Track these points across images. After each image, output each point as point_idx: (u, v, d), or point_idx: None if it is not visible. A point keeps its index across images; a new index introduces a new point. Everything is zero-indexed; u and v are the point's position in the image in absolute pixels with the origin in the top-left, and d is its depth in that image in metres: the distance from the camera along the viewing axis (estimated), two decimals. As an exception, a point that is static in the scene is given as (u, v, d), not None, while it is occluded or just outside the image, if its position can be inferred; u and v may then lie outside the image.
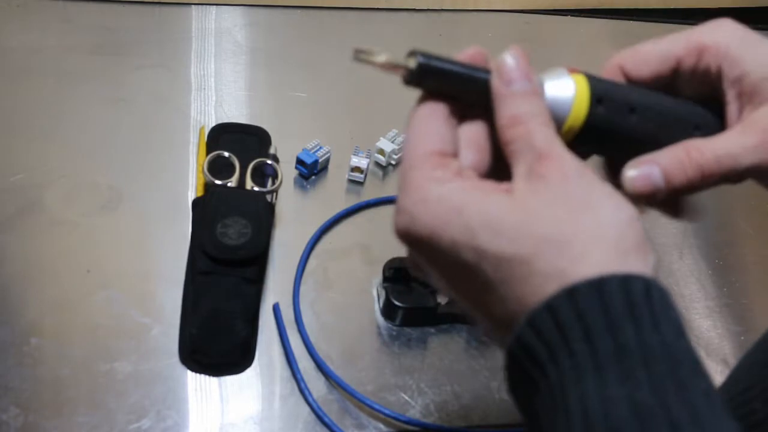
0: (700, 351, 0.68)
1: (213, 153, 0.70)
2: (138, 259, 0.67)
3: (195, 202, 0.69)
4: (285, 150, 0.74)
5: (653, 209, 0.39)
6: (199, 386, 0.60)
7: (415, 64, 0.34)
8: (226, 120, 0.79)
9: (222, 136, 0.76)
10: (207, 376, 0.60)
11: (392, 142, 0.77)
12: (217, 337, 0.61)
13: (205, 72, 0.85)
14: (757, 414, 0.47)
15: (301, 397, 0.60)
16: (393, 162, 0.78)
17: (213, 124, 0.77)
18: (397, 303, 0.64)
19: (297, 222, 0.72)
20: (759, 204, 0.83)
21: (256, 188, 0.69)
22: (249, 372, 0.61)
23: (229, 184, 0.68)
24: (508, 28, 1.00)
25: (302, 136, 0.77)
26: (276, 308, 0.65)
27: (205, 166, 0.69)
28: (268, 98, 0.84)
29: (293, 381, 0.61)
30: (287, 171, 0.75)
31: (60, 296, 0.63)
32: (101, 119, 0.77)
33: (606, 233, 0.30)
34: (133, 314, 0.63)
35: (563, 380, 0.28)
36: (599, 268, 0.29)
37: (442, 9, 1.00)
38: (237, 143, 0.75)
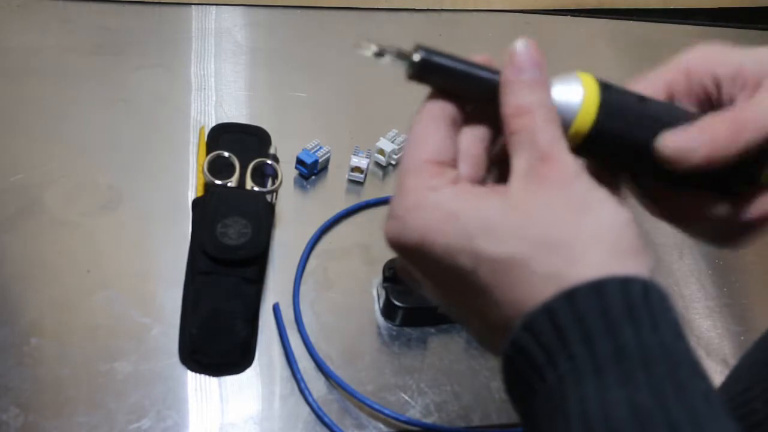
0: (700, 351, 0.68)
1: (213, 153, 0.70)
2: (138, 259, 0.67)
3: (195, 202, 0.69)
4: (285, 150, 0.74)
5: (704, 240, 0.39)
6: (199, 386, 0.60)
7: (418, 59, 0.34)
8: (226, 120, 0.79)
9: (222, 136, 0.76)
10: (207, 376, 0.60)
11: (392, 142, 0.77)
12: (217, 337, 0.61)
13: (205, 72, 0.85)
14: (758, 414, 0.47)
15: (301, 397, 0.60)
16: (393, 162, 0.78)
17: (213, 124, 0.77)
18: (397, 303, 0.64)
19: (297, 222, 0.72)
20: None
21: (256, 188, 0.69)
22: (249, 372, 0.61)
23: (229, 184, 0.68)
24: (508, 28, 1.00)
25: (302, 136, 0.77)
26: (276, 308, 0.65)
27: (205, 166, 0.69)
28: (268, 98, 0.84)
29: (293, 381, 0.61)
30: (287, 171, 0.75)
31: (60, 296, 0.63)
32: (101, 119, 0.77)
33: (604, 235, 0.30)
34: (133, 314, 0.63)
35: (562, 383, 0.28)
36: (597, 270, 0.29)
37: (442, 9, 1.00)
38: (237, 143, 0.75)
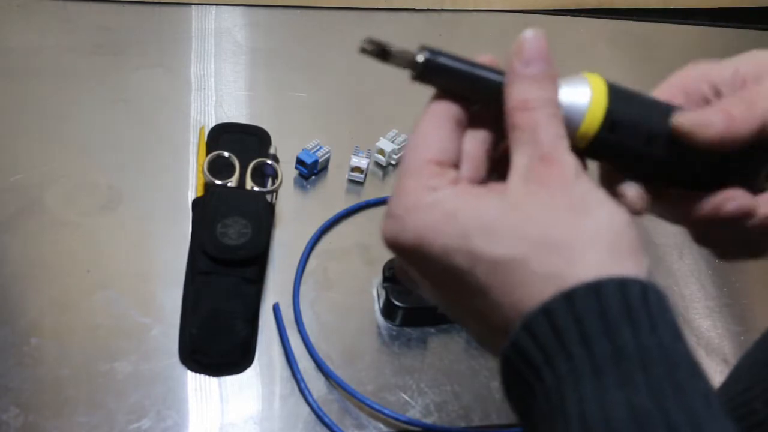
0: (700, 351, 0.68)
1: (213, 153, 0.70)
2: (138, 259, 0.67)
3: (195, 202, 0.69)
4: (285, 150, 0.74)
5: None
6: (199, 386, 0.60)
7: (422, 60, 0.34)
8: (226, 120, 0.79)
9: (222, 136, 0.76)
10: (207, 376, 0.60)
11: (392, 142, 0.77)
12: (217, 337, 0.61)
13: (205, 72, 0.85)
14: (758, 414, 0.47)
15: (301, 397, 0.60)
16: (393, 162, 0.78)
17: (213, 124, 0.77)
18: (397, 303, 0.64)
19: (297, 222, 0.72)
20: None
21: (256, 188, 0.69)
22: (249, 372, 0.61)
23: (229, 184, 0.68)
24: (508, 28, 1.00)
25: (302, 136, 0.77)
26: (276, 308, 0.65)
27: (205, 166, 0.69)
28: (268, 98, 0.84)
29: (293, 381, 0.61)
30: (287, 171, 0.75)
31: (60, 296, 0.63)
32: (101, 119, 0.77)
33: (602, 236, 0.30)
34: (133, 314, 0.63)
35: (560, 384, 0.28)
36: (595, 271, 0.29)
37: (442, 9, 1.00)
38: (237, 143, 0.75)
